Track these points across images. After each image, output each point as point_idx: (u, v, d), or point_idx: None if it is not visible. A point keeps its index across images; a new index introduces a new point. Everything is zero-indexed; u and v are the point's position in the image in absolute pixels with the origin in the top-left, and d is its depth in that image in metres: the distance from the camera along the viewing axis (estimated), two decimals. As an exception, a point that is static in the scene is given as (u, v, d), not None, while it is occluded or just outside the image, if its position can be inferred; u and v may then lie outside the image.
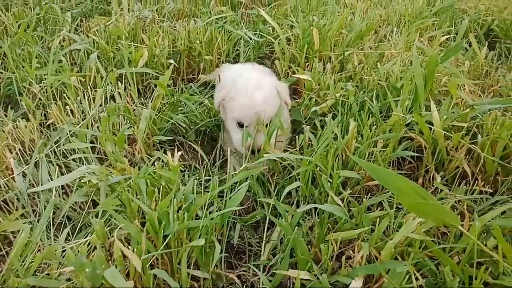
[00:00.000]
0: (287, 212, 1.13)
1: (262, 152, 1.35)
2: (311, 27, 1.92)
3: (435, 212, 0.69)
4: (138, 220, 1.01)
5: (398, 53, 1.97)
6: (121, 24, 2.10)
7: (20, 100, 1.61)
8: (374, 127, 1.38)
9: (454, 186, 1.34)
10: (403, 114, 1.40)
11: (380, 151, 1.34)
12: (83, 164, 1.33)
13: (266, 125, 1.38)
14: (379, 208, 1.23)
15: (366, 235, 1.06)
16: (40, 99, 1.63)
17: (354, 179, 1.29)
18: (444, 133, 1.35)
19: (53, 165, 1.30)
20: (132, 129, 1.35)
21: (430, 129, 1.36)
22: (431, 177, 1.39)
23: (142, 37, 2.09)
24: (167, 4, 2.54)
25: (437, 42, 2.21)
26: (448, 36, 2.35)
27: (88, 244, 1.02)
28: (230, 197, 1.06)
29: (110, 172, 1.19)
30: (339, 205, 1.09)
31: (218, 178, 1.32)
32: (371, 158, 1.31)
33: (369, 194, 1.33)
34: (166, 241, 0.93)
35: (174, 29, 2.19)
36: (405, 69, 1.74)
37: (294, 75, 1.81)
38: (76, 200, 1.17)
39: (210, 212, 1.03)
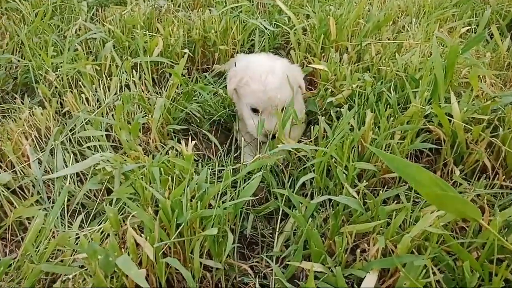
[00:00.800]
0: (301, 203, 1.11)
1: (277, 142, 1.34)
2: (328, 17, 1.89)
3: (455, 204, 0.67)
4: (151, 208, 1.01)
5: (417, 43, 1.93)
6: (136, 14, 2.09)
7: (37, 88, 1.62)
8: (392, 118, 1.35)
9: (473, 180, 1.31)
10: (422, 106, 1.37)
11: (398, 143, 1.31)
12: (97, 152, 1.33)
13: (282, 110, 1.37)
14: (395, 201, 1.21)
15: (381, 228, 1.04)
16: (56, 87, 1.64)
17: (370, 171, 1.27)
18: (464, 126, 1.32)
19: (68, 152, 1.31)
20: (147, 118, 1.35)
21: (450, 121, 1.32)
22: (449, 171, 1.35)
23: (157, 26, 2.08)
24: (182, -6, 2.52)
25: (457, 34, 2.15)
26: (469, 27, 2.29)
27: (102, 232, 1.02)
28: (243, 187, 1.04)
29: (124, 160, 1.19)
30: (354, 197, 1.07)
31: (232, 167, 1.31)
32: (388, 150, 1.28)
33: (385, 187, 1.31)
34: (179, 230, 0.92)
35: (189, 19, 2.18)
36: (424, 60, 1.70)
37: (310, 65, 1.78)
38: (90, 187, 1.17)
39: (223, 202, 1.03)
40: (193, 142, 1.25)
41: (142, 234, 0.93)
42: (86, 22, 2.13)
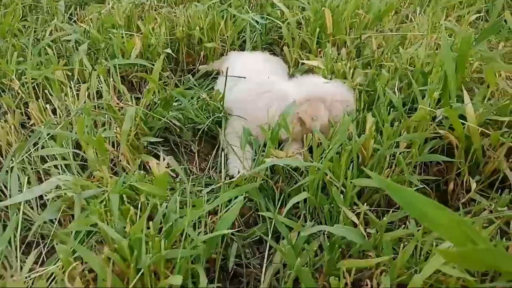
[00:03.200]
0: (292, 229, 0.94)
1: (266, 156, 1.18)
2: (323, 8, 1.70)
3: (487, 259, 0.49)
4: (110, 246, 0.84)
5: (422, 35, 1.74)
6: (116, 11, 1.92)
7: (-2, 99, 1.46)
8: (397, 123, 1.17)
9: (492, 192, 1.13)
10: (431, 107, 1.19)
11: (403, 152, 1.13)
12: (64, 171, 1.17)
13: None
14: (402, 222, 1.04)
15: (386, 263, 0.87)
16: (22, 96, 1.48)
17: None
18: (480, 130, 1.14)
19: (25, 173, 1.14)
20: (115, 131, 1.18)
21: (463, 124, 1.15)
22: (464, 182, 1.18)
23: (139, 24, 1.90)
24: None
25: (466, 22, 1.96)
26: (479, 15, 2.09)
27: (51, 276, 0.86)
28: (220, 216, 0.88)
29: (87, 183, 1.03)
30: (355, 223, 0.90)
31: (216, 185, 1.14)
32: (393, 162, 1.10)
33: (390, 204, 1.14)
34: (139, 275, 0.76)
35: (174, 15, 2.00)
36: (432, 54, 1.51)
37: (303, 62, 1.60)
38: (47, 217, 1.01)
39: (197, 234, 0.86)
40: (168, 157, 1.09)
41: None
42: (62, 22, 1.97)
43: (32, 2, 2.11)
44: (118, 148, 1.20)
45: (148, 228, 0.81)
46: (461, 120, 1.15)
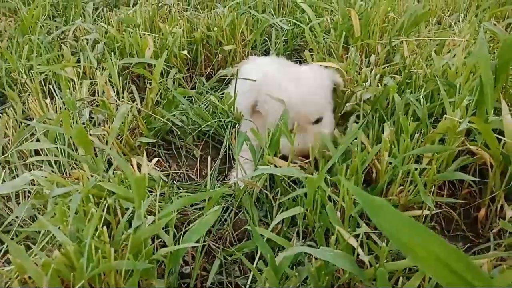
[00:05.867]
0: (278, 250, 0.81)
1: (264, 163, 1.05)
2: (347, 9, 1.57)
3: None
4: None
5: (465, 41, 1.54)
6: (137, 12, 1.89)
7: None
8: (418, 135, 1.00)
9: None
10: (461, 119, 1.01)
11: (424, 169, 0.97)
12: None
13: None
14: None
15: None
16: (30, 92, 1.45)
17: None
18: (521, 147, 0.95)
19: (11, 169, 1.09)
20: (103, 127, 1.10)
21: (500, 141, 0.96)
22: (498, 208, 0.99)
23: (160, 26, 1.86)
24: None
25: (518, 31, 1.74)
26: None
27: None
28: (187, 229, 0.76)
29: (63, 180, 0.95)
30: (352, 246, 0.75)
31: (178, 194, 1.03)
32: (407, 179, 0.94)
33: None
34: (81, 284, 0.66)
35: (197, 18, 1.94)
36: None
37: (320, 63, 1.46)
38: (18, 215, 0.93)
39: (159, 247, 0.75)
40: (154, 160, 1.00)
41: None
42: (87, 22, 1.97)
43: (62, 2, 2.13)
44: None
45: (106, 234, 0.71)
46: (498, 136, 0.97)
